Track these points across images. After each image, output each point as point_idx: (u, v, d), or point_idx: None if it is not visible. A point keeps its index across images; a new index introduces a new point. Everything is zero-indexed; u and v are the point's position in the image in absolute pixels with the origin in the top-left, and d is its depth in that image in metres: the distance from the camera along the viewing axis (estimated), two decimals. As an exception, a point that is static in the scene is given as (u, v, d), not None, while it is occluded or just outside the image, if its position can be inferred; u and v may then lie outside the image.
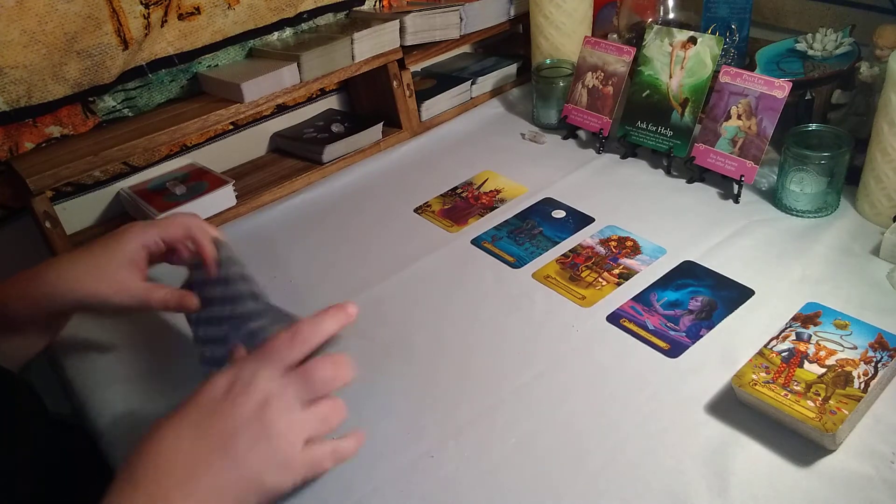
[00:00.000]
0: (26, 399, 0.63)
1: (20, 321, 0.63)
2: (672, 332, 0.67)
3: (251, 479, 0.45)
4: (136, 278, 0.64)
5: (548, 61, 1.11)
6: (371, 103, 1.16)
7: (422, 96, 1.14)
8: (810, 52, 0.93)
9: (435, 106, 1.15)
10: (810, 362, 0.58)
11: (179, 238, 0.66)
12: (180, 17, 0.95)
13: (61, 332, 0.70)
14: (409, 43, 1.08)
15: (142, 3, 0.90)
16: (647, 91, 0.95)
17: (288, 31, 1.08)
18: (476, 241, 0.86)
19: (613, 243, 0.81)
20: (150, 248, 0.65)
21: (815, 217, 0.80)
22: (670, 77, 0.93)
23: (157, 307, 0.63)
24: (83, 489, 0.66)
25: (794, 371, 0.58)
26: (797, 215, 0.81)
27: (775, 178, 0.84)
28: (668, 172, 0.94)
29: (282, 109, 1.13)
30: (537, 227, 0.86)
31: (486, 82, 1.21)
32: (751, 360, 0.60)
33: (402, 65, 1.08)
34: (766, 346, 0.61)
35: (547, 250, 0.82)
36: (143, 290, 0.63)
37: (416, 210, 0.94)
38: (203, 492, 0.44)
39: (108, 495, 0.44)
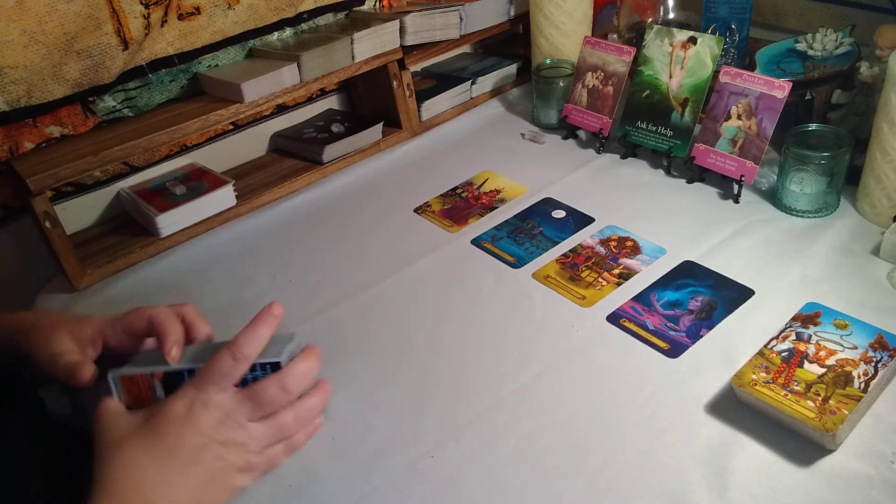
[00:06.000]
0: (24, 398, 0.63)
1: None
2: (672, 332, 0.67)
3: (220, 483, 0.51)
4: (67, 340, 0.59)
5: (548, 61, 1.11)
6: (371, 103, 1.16)
7: (422, 96, 1.14)
8: (810, 52, 0.93)
9: (435, 106, 1.15)
10: (810, 362, 0.58)
11: (141, 328, 0.61)
12: (180, 17, 0.95)
13: None
14: (409, 43, 1.08)
15: (142, 3, 0.90)
16: (647, 91, 0.95)
17: (288, 31, 1.08)
18: (476, 241, 0.86)
19: (613, 243, 0.81)
20: (104, 334, 0.61)
21: (815, 217, 0.80)
22: (670, 77, 0.93)
23: (60, 369, 0.58)
24: (82, 489, 0.66)
25: (794, 371, 0.58)
26: (797, 215, 0.81)
27: (775, 178, 0.84)
28: (668, 172, 0.94)
29: (282, 109, 1.13)
30: (537, 227, 0.86)
31: (486, 82, 1.21)
32: (751, 360, 0.60)
33: (402, 65, 1.08)
34: (766, 346, 0.61)
35: (547, 250, 0.82)
36: (66, 348, 0.59)
37: (416, 210, 0.94)
38: (182, 497, 0.49)
39: None
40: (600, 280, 0.76)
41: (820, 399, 0.55)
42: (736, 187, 0.86)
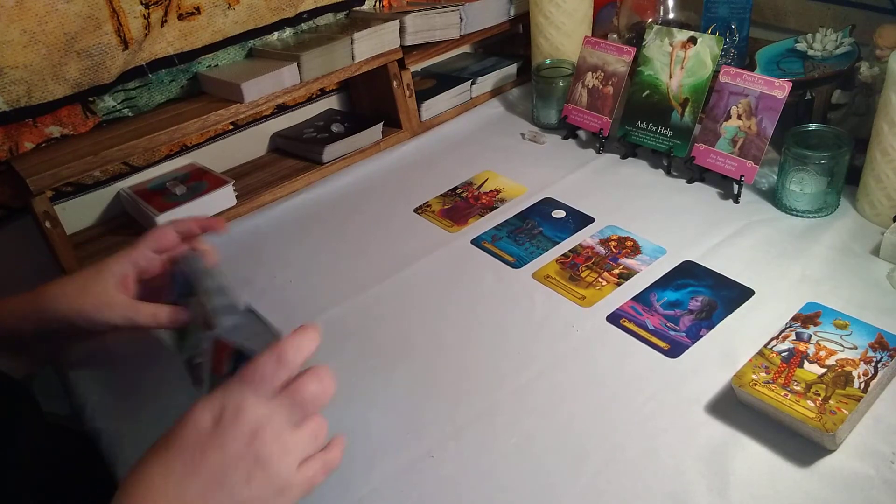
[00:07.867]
0: (23, 402, 0.63)
1: (13, 339, 0.64)
2: (672, 332, 0.67)
3: None
4: (120, 295, 0.63)
5: (548, 61, 1.11)
6: (371, 103, 1.16)
7: (422, 96, 1.14)
8: (810, 52, 0.93)
9: (435, 106, 1.15)
10: (810, 362, 0.58)
11: (170, 243, 0.67)
12: (180, 17, 0.95)
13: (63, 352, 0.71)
14: (409, 43, 1.08)
15: (142, 3, 0.90)
16: (647, 91, 0.95)
17: (288, 31, 1.08)
18: (476, 241, 0.86)
19: (613, 243, 0.81)
20: (139, 265, 0.65)
21: (815, 217, 0.80)
22: (670, 77, 0.93)
23: (144, 323, 0.63)
24: (81, 490, 0.66)
25: (794, 371, 0.58)
26: (797, 215, 0.81)
27: (775, 178, 0.84)
28: (668, 172, 0.94)
29: (282, 109, 1.13)
30: (537, 227, 0.86)
31: (486, 82, 1.21)
32: (751, 360, 0.60)
33: (402, 65, 1.08)
34: (766, 346, 0.61)
35: (547, 250, 0.82)
36: (129, 306, 0.63)
37: (416, 210, 0.94)
38: None
39: None
40: (600, 280, 0.76)
41: (820, 399, 0.55)
42: (736, 187, 0.86)
